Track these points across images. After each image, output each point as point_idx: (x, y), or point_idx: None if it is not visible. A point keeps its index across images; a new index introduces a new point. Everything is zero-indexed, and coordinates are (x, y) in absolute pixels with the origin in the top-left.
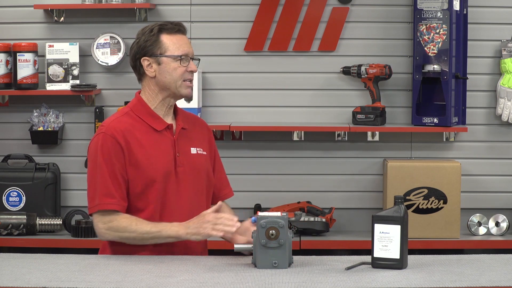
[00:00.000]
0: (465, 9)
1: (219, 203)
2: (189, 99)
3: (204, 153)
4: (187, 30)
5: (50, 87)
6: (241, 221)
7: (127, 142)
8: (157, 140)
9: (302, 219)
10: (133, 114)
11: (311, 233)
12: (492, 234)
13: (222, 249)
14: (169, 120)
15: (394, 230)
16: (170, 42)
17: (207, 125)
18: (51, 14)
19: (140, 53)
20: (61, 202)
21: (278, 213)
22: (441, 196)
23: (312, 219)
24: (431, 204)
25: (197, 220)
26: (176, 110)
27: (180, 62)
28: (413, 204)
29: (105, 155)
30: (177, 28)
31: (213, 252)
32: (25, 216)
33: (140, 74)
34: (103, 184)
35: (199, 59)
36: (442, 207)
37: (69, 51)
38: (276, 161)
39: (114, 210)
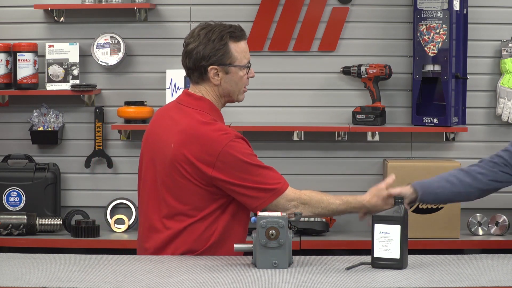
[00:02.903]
0: (465, 9)
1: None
2: None
3: None
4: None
5: (50, 87)
6: None
7: None
8: None
9: (302, 219)
10: (215, 119)
11: (311, 233)
12: (492, 234)
13: None
14: None
15: (394, 230)
16: (238, 51)
17: None
18: (51, 14)
19: (209, 60)
20: (61, 202)
21: (278, 213)
22: None
23: (312, 219)
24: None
25: (380, 203)
26: None
27: (247, 71)
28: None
29: (253, 153)
30: (244, 36)
31: None
32: (25, 216)
33: (203, 79)
34: (272, 170)
35: None
36: (442, 207)
37: (69, 51)
38: (276, 161)
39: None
